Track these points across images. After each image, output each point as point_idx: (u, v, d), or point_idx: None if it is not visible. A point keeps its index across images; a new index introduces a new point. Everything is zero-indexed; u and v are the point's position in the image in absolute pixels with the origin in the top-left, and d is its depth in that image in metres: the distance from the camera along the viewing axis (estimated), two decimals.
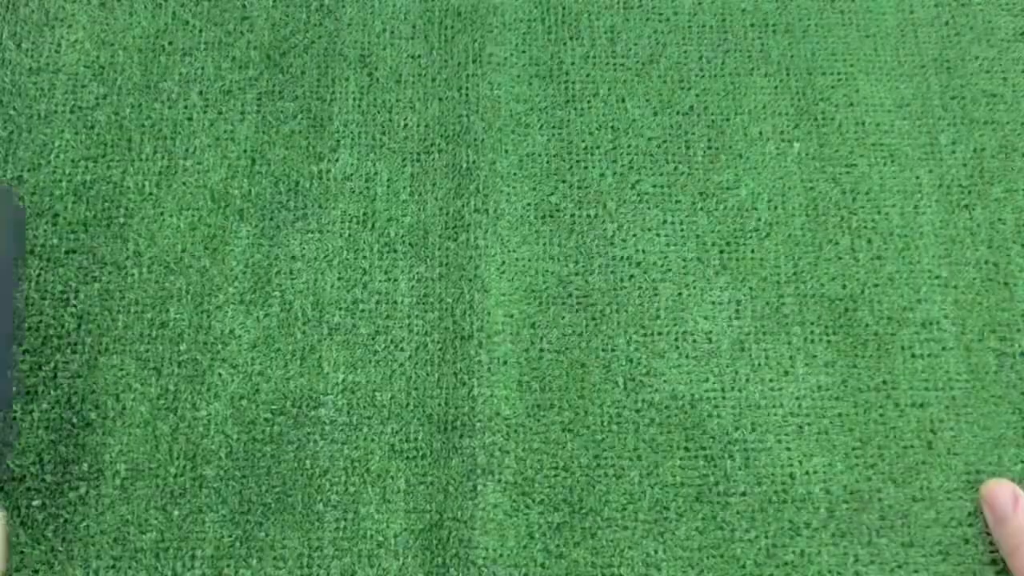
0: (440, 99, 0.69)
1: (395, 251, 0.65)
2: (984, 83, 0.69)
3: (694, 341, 0.62)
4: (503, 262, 0.64)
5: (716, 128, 0.68)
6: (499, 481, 0.59)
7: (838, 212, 0.65)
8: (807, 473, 0.59)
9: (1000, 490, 0.57)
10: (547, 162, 0.67)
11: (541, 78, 0.70)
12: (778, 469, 0.59)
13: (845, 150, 0.67)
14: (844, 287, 0.64)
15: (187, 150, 0.67)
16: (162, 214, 0.65)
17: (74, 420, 0.60)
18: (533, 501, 0.58)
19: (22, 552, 0.57)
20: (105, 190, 0.66)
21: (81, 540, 0.57)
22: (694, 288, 0.64)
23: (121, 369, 0.61)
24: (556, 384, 0.61)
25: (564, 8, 0.72)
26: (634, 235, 0.65)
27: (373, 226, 0.65)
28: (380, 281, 0.64)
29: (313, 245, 0.65)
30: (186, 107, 0.69)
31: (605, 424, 0.60)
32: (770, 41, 0.71)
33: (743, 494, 0.59)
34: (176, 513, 0.58)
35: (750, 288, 0.64)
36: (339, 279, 0.64)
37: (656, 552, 0.57)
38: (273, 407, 0.60)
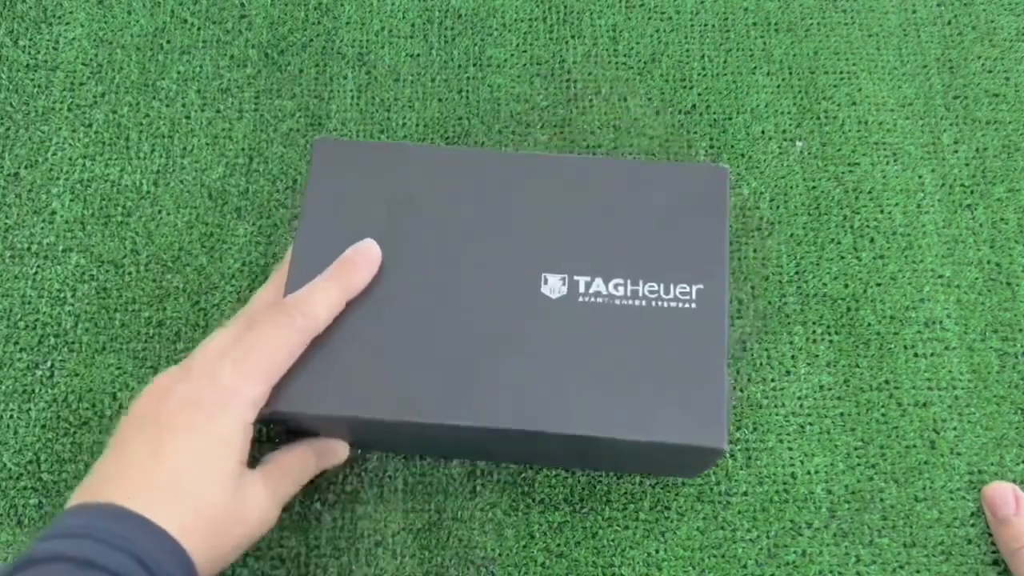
0: (440, 99, 0.69)
1: None
2: (987, 83, 0.69)
3: None
4: None
5: (718, 127, 0.68)
6: (499, 481, 0.59)
7: (840, 211, 0.65)
8: (809, 473, 0.59)
9: (1001, 492, 0.57)
10: None
11: (543, 77, 0.69)
12: (779, 469, 0.59)
13: (847, 149, 0.67)
14: (846, 286, 0.63)
15: (185, 148, 0.67)
16: (160, 212, 0.65)
17: (71, 419, 0.60)
18: (534, 501, 0.58)
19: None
20: (103, 188, 0.66)
21: None
22: None
23: (118, 368, 0.61)
24: None
25: (566, 7, 0.72)
26: None
27: None
28: None
29: None
30: (184, 105, 0.68)
31: None
32: (772, 40, 0.70)
33: (744, 494, 0.58)
34: None
35: (752, 287, 0.63)
36: None
37: (657, 552, 0.57)
38: None
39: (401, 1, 0.72)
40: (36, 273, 0.63)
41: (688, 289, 0.51)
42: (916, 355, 0.62)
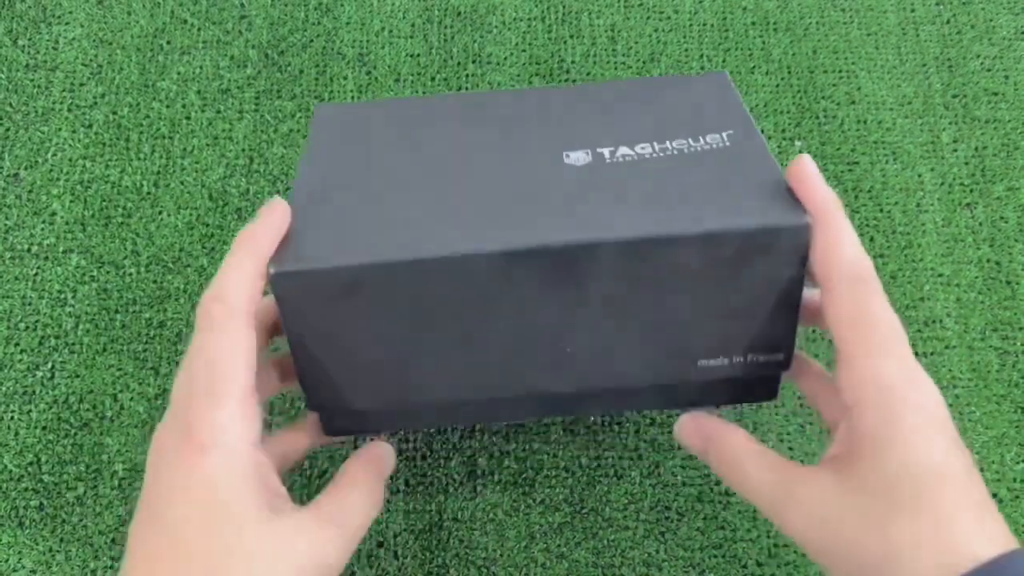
0: None
1: None
2: (985, 81, 0.69)
3: None
4: None
5: None
6: (499, 481, 0.59)
7: None
8: None
9: (700, 424, 0.47)
10: None
11: (542, 77, 0.69)
12: None
13: (847, 148, 0.67)
14: None
15: (185, 149, 0.67)
16: (160, 213, 0.65)
17: (72, 420, 0.60)
18: (534, 501, 0.58)
19: (20, 553, 0.57)
20: (103, 189, 0.66)
21: (79, 540, 0.57)
22: None
23: (119, 369, 0.61)
24: None
25: (565, 6, 0.72)
26: None
27: None
28: None
29: None
30: (184, 106, 0.68)
31: (606, 424, 0.60)
32: (771, 39, 0.71)
33: None
34: None
35: None
36: None
37: (657, 552, 0.57)
38: (271, 407, 0.60)
39: (401, 1, 0.72)
40: (36, 274, 0.63)
41: (719, 135, 0.49)
42: (916, 354, 0.61)
